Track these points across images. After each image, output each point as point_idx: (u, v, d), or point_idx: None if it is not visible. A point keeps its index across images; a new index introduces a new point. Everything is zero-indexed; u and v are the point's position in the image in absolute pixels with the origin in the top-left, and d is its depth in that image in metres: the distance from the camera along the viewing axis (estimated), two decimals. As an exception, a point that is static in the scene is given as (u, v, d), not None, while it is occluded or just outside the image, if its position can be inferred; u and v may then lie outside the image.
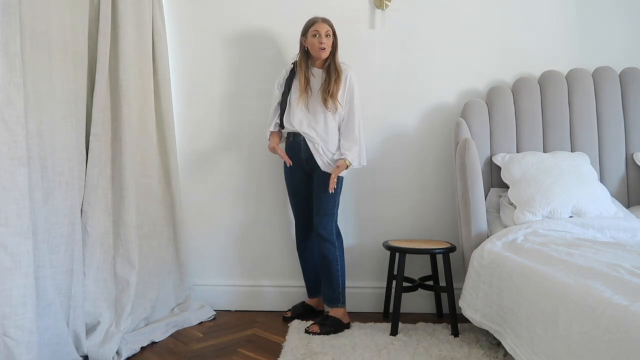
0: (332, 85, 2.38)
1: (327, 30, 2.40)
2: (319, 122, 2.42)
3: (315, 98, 2.43)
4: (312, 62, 2.47)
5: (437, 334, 2.27)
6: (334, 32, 2.43)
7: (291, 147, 2.48)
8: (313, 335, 2.28)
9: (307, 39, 2.42)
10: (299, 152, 2.45)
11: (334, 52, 2.44)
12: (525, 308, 1.67)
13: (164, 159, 2.60)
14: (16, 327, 1.54)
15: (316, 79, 2.45)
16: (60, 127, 1.91)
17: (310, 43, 2.41)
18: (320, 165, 2.41)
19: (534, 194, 2.27)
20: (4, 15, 1.55)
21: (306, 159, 2.45)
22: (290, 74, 2.49)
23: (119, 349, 2.03)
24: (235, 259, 2.80)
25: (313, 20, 2.42)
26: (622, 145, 2.60)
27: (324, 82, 2.41)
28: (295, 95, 2.45)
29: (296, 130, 2.44)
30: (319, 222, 2.43)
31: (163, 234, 2.55)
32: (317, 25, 2.39)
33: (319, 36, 2.38)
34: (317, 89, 2.44)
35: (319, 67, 2.47)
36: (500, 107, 2.62)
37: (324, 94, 2.39)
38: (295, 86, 2.46)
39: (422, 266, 2.70)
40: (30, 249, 1.60)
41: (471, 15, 2.78)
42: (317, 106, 2.42)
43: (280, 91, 2.50)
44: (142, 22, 2.44)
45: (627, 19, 2.78)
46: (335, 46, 2.44)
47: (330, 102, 2.38)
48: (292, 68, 2.51)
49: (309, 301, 2.66)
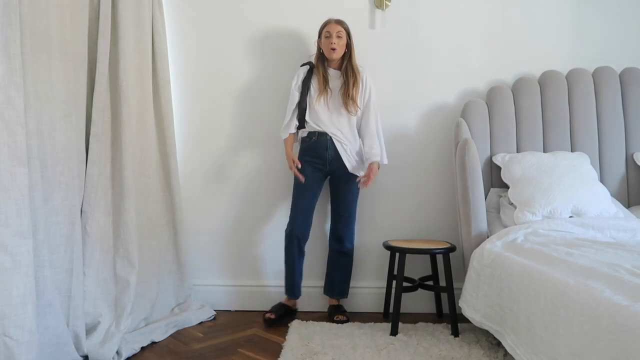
0: (351, 89, 2.45)
1: (339, 31, 2.43)
2: (343, 124, 2.49)
3: (335, 99, 2.47)
4: (328, 63, 2.50)
5: (437, 334, 2.27)
6: (349, 33, 2.47)
7: (313, 146, 2.48)
8: (342, 324, 2.41)
9: (321, 40, 2.47)
10: (324, 151, 2.47)
11: (350, 53, 2.48)
12: (525, 308, 1.67)
13: (164, 159, 2.60)
14: (16, 327, 1.54)
15: (333, 80, 2.49)
16: (60, 127, 1.91)
17: (323, 44, 2.47)
18: (348, 167, 2.49)
19: (534, 194, 2.27)
20: (4, 15, 1.55)
21: (332, 159, 2.47)
22: (308, 75, 2.51)
23: (119, 349, 2.03)
24: (235, 259, 2.80)
25: (326, 22, 2.48)
26: (622, 145, 2.60)
27: (344, 85, 2.46)
28: (315, 95, 2.47)
29: (323, 130, 2.46)
30: (342, 223, 2.54)
31: (163, 234, 2.55)
32: (329, 26, 2.45)
33: (330, 37, 2.43)
34: (335, 89, 2.48)
35: (335, 67, 2.51)
36: (500, 107, 2.62)
37: (345, 97, 2.45)
38: (314, 87, 2.49)
39: (422, 266, 2.70)
40: (30, 249, 1.60)
41: (471, 15, 2.78)
42: (339, 108, 2.48)
43: (299, 92, 2.51)
44: (142, 22, 2.44)
45: (627, 19, 2.79)
46: (350, 47, 2.47)
47: (352, 104, 2.45)
48: (310, 69, 2.52)
49: (287, 301, 2.59)
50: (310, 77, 2.51)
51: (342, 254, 2.58)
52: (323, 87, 2.45)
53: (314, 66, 2.52)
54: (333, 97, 2.48)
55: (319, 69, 2.49)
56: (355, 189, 2.56)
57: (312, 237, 2.60)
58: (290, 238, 2.51)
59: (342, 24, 2.46)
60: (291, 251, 2.52)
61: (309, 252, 2.64)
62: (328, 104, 2.47)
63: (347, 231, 2.56)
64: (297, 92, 2.51)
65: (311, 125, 2.49)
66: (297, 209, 2.51)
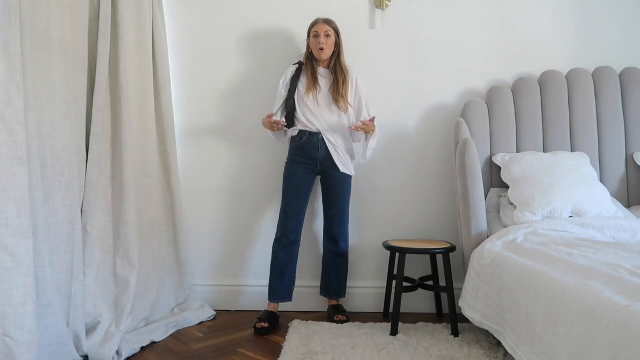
0: (341, 87, 2.45)
1: (327, 31, 2.42)
2: (333, 121, 2.48)
3: (324, 96, 2.47)
4: (317, 62, 2.50)
5: (437, 334, 2.27)
6: (337, 32, 2.47)
7: (304, 146, 2.47)
8: (342, 324, 2.41)
9: (310, 39, 2.47)
10: (315, 152, 2.46)
11: (339, 52, 2.48)
12: (525, 308, 1.67)
13: (164, 159, 2.60)
14: (16, 327, 1.54)
15: (323, 79, 2.49)
16: (60, 127, 1.91)
17: (311, 43, 2.47)
18: (339, 167, 2.48)
19: (534, 194, 2.27)
20: (4, 15, 1.55)
21: (323, 159, 2.47)
22: (297, 73, 2.51)
23: (119, 349, 2.03)
24: (235, 259, 2.80)
25: (315, 22, 2.48)
26: (622, 145, 2.60)
27: (333, 84, 2.46)
28: (302, 93, 2.47)
29: (313, 127, 2.46)
30: (336, 223, 2.53)
31: (163, 234, 2.55)
32: (317, 26, 2.45)
33: (318, 37, 2.43)
34: (325, 87, 2.48)
35: (324, 67, 2.51)
36: (500, 107, 2.62)
37: (335, 94, 2.45)
38: (303, 84, 2.49)
39: (422, 266, 2.70)
40: (30, 249, 1.60)
41: (471, 15, 2.78)
42: (329, 105, 2.48)
43: (286, 90, 2.50)
44: (142, 21, 2.44)
45: (628, 19, 2.79)
46: (339, 47, 2.47)
47: (342, 102, 2.45)
48: (298, 67, 2.52)
49: (272, 307, 2.49)
50: (299, 75, 2.51)
51: (338, 255, 2.56)
52: (312, 83, 2.45)
53: (304, 65, 2.52)
54: (322, 95, 2.48)
55: (307, 67, 2.49)
56: (347, 188, 2.55)
57: (305, 236, 2.59)
58: (282, 242, 2.46)
59: (331, 23, 2.45)
60: (286, 253, 2.47)
61: (303, 252, 2.64)
62: (317, 100, 2.47)
63: (341, 231, 2.55)
64: (284, 90, 2.50)
65: (302, 122, 2.47)
66: (288, 213, 2.46)
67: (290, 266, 2.50)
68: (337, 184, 2.51)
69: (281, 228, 2.48)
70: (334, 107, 2.48)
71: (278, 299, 2.49)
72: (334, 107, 2.47)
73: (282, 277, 2.48)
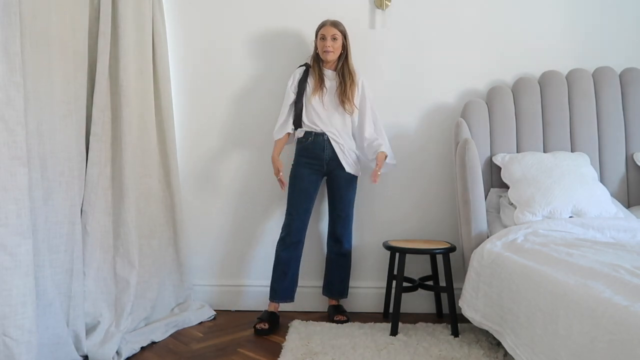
0: (348, 89, 2.46)
1: (334, 34, 2.43)
2: (338, 122, 2.50)
3: (331, 98, 2.48)
4: (324, 63, 2.51)
5: (437, 334, 2.27)
6: (345, 35, 2.47)
7: (310, 147, 2.48)
8: (342, 324, 2.42)
9: (317, 40, 2.48)
10: (321, 152, 2.47)
11: (346, 55, 2.49)
12: (525, 308, 1.67)
13: (164, 159, 2.59)
14: (16, 327, 1.54)
15: (329, 80, 2.50)
16: (60, 127, 1.91)
17: (318, 45, 2.48)
18: (345, 167, 2.49)
19: (534, 194, 2.27)
20: (4, 15, 1.55)
21: (329, 159, 2.47)
22: (304, 76, 2.51)
23: (119, 349, 2.03)
24: (235, 259, 2.80)
25: (322, 24, 2.48)
26: (622, 146, 2.60)
27: (340, 86, 2.47)
28: (310, 94, 2.48)
29: (319, 129, 2.46)
30: (340, 224, 2.54)
31: (163, 234, 2.55)
32: (324, 29, 2.45)
33: (324, 39, 2.44)
34: (331, 89, 2.49)
35: (331, 68, 2.52)
36: (500, 107, 2.62)
37: (342, 96, 2.46)
38: (310, 86, 2.50)
39: (422, 266, 2.70)
40: (30, 249, 1.60)
41: (471, 15, 2.78)
42: (335, 106, 2.49)
43: (294, 93, 2.50)
44: (142, 22, 2.44)
45: (627, 19, 2.79)
46: (347, 49, 2.48)
47: (348, 103, 2.46)
48: (305, 70, 2.53)
49: (272, 307, 2.49)
50: (306, 77, 2.51)
51: (341, 255, 2.58)
52: (318, 85, 2.46)
53: (311, 67, 2.53)
54: (329, 96, 2.48)
55: (314, 68, 2.50)
56: (353, 189, 2.56)
57: (309, 236, 2.59)
58: (286, 243, 2.46)
59: (338, 26, 2.45)
60: (289, 254, 2.46)
61: (306, 252, 2.63)
62: (323, 101, 2.47)
63: (345, 232, 2.56)
64: (292, 93, 2.51)
65: (307, 125, 2.48)
66: (293, 213, 2.47)
67: (293, 267, 2.50)
68: (342, 184, 2.52)
69: (285, 228, 2.49)
70: (340, 109, 2.49)
71: (279, 299, 2.50)
72: (340, 109, 2.49)
73: (285, 277, 2.48)
